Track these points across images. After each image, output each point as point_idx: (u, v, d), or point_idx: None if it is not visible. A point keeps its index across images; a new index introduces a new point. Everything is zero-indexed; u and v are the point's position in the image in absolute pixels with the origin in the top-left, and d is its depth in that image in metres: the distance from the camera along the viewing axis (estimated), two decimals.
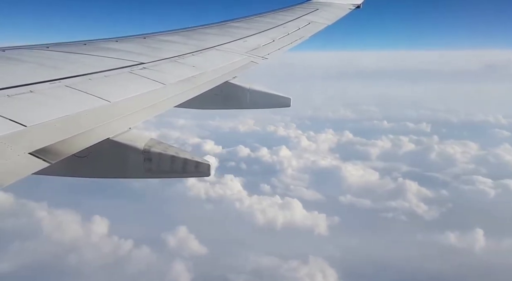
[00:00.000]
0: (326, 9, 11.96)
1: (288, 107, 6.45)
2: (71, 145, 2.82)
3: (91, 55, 5.12)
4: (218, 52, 6.68)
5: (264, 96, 6.33)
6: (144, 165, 3.43)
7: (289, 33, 8.93)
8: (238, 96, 6.09)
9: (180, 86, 4.68)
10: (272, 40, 8.14)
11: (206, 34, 7.90)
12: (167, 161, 3.44)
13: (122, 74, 4.52)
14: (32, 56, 4.60)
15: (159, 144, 3.50)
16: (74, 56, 4.96)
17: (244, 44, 7.48)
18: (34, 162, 2.47)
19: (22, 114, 2.91)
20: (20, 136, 2.65)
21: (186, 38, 7.27)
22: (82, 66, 4.46)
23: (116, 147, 3.29)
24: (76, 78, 3.98)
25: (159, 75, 4.77)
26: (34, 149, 2.55)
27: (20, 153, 2.48)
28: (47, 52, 4.94)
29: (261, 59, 6.90)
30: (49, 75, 3.85)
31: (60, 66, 4.35)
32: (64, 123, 3.01)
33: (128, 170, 3.52)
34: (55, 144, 2.70)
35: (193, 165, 3.48)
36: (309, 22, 10.21)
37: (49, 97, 3.39)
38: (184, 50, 6.25)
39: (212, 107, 6.35)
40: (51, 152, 2.62)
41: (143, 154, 3.39)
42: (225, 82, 5.65)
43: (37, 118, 2.92)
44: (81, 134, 2.97)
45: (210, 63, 5.90)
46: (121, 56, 5.20)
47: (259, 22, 9.68)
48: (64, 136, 2.83)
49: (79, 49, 5.36)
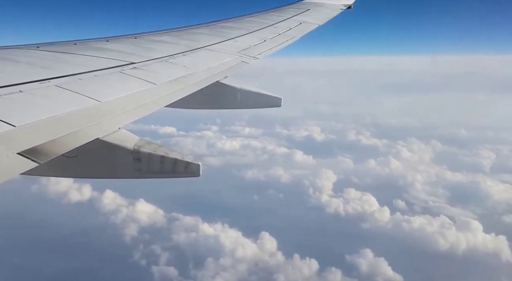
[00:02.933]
0: (317, 10, 12.01)
1: (278, 107, 6.48)
2: (61, 145, 2.82)
3: (82, 55, 5.11)
4: (209, 52, 6.69)
5: (254, 96, 6.36)
6: (133, 165, 3.44)
7: (280, 33, 8.96)
8: (228, 96, 6.11)
9: (171, 86, 4.69)
10: (263, 40, 8.17)
11: (197, 34, 7.90)
12: (156, 161, 3.45)
13: (112, 74, 4.51)
14: (22, 55, 4.58)
15: (148, 144, 3.51)
16: (64, 56, 4.95)
17: (235, 44, 7.50)
18: (23, 163, 2.47)
19: (11, 114, 2.90)
20: (9, 136, 2.64)
21: (177, 38, 7.27)
22: (72, 66, 4.45)
23: (105, 147, 3.30)
24: (66, 78, 3.97)
25: (149, 75, 4.77)
26: (23, 149, 2.54)
27: (9, 153, 2.47)
28: (37, 51, 4.92)
29: (252, 59, 6.92)
30: (39, 75, 3.84)
31: (50, 66, 4.34)
32: (53, 123, 3.01)
33: (117, 170, 3.52)
34: (44, 144, 2.70)
35: (183, 165, 3.50)
36: (300, 22, 10.25)
37: (38, 97, 3.38)
38: (175, 50, 6.25)
39: (203, 107, 6.36)
40: (40, 152, 2.62)
41: (133, 154, 3.40)
42: (216, 82, 5.66)
43: (26, 118, 2.92)
44: (70, 134, 2.97)
45: (201, 63, 5.91)
46: (111, 56, 5.20)
47: (250, 22, 9.70)
48: (53, 136, 2.83)
49: (69, 49, 5.34)
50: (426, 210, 62.98)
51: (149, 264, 49.92)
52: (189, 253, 51.73)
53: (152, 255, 51.55)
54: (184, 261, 50.20)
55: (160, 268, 49.18)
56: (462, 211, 62.88)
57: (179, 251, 52.36)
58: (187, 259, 50.48)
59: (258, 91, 6.41)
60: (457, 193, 68.00)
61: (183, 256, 51.28)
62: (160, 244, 53.43)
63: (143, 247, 53.06)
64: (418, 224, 57.90)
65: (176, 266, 49.06)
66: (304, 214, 62.34)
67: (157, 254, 51.60)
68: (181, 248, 52.93)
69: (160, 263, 50.03)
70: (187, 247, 53.10)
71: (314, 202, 66.69)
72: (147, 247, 53.03)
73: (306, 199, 67.83)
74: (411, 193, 69.32)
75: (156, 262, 50.12)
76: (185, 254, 51.64)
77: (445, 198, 67.84)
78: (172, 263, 49.81)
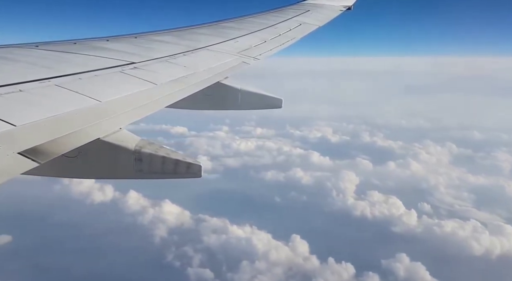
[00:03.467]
0: (317, 11, 12.01)
1: (279, 108, 6.46)
2: (61, 145, 2.79)
3: (82, 54, 5.08)
4: (209, 53, 6.68)
5: (255, 97, 6.34)
6: (134, 166, 3.42)
7: (280, 34, 8.95)
8: (229, 96, 6.09)
9: (172, 86, 4.66)
10: (264, 41, 8.16)
11: (198, 34, 7.88)
12: (158, 162, 3.43)
13: (113, 74, 4.49)
14: (21, 55, 4.55)
15: (150, 145, 3.49)
16: (64, 55, 4.92)
17: (236, 45, 7.49)
18: (23, 162, 2.44)
19: (12, 113, 2.88)
20: (9, 135, 2.62)
21: (177, 38, 7.25)
22: (73, 65, 4.42)
23: (106, 147, 3.28)
24: (66, 77, 3.95)
25: (150, 75, 4.75)
26: (23, 149, 2.52)
27: (9, 153, 2.45)
28: (37, 51, 4.89)
29: (252, 59, 6.91)
30: (39, 74, 3.81)
31: (50, 65, 4.31)
32: (54, 123, 2.99)
33: (118, 170, 3.50)
34: (44, 144, 2.68)
35: (184, 166, 3.48)
36: (301, 23, 10.24)
37: (39, 96, 3.36)
38: (175, 50, 6.23)
39: (204, 107, 6.34)
40: (41, 152, 2.59)
41: (134, 154, 3.38)
42: (217, 82, 5.64)
43: (27, 117, 2.89)
44: (71, 134, 2.95)
45: (201, 63, 5.89)
46: (112, 56, 5.17)
47: (251, 23, 9.69)
48: (54, 136, 2.81)
49: (69, 48, 5.32)
50: (453, 214, 62.32)
51: (183, 265, 49.64)
52: (221, 255, 51.28)
53: (185, 256, 51.17)
54: (217, 263, 49.82)
55: (195, 270, 48.82)
56: (489, 215, 62.22)
57: (211, 253, 51.93)
58: (220, 262, 50.07)
59: (259, 92, 6.39)
60: (482, 196, 67.32)
61: (215, 258, 50.91)
62: (192, 246, 53.09)
63: (175, 248, 52.75)
64: (450, 228, 57.22)
65: (211, 268, 48.86)
66: (331, 217, 61.52)
67: (190, 256, 51.26)
68: (212, 250, 52.49)
69: (194, 265, 49.77)
70: (218, 249, 52.64)
71: (340, 204, 65.81)
72: (179, 248, 52.64)
73: (331, 201, 67.04)
74: (436, 196, 68.64)
75: (190, 264, 49.90)
76: (218, 256, 51.21)
77: (471, 201, 67.24)
78: (206, 265, 49.55)
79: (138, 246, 53.14)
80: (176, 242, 54.13)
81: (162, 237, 55.79)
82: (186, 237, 55.45)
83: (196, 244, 53.80)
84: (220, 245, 53.74)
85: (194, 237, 55.55)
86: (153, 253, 51.94)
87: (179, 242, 54.15)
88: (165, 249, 52.81)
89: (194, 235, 56.12)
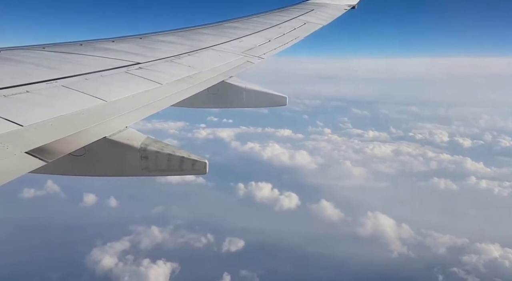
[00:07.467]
0: (321, 10, 12.00)
1: (284, 105, 6.46)
2: (68, 144, 2.83)
3: (88, 55, 5.13)
4: (214, 52, 6.70)
5: (260, 95, 6.35)
6: (140, 163, 3.45)
7: (284, 33, 8.96)
8: (234, 95, 6.11)
9: (177, 85, 4.69)
10: (268, 40, 8.17)
11: (202, 34, 7.91)
12: (164, 159, 3.46)
13: (118, 74, 4.53)
14: (28, 56, 4.60)
15: (155, 143, 3.52)
16: (71, 56, 4.97)
17: (240, 44, 7.51)
18: (30, 161, 2.48)
19: (19, 114, 2.92)
20: (16, 135, 2.66)
21: (182, 38, 7.28)
22: (79, 66, 4.47)
23: (112, 145, 3.31)
24: (73, 78, 3.99)
25: (155, 75, 4.79)
26: (30, 148, 2.56)
27: (17, 152, 2.49)
28: (43, 52, 4.95)
29: (257, 59, 6.92)
30: (45, 75, 3.86)
31: (57, 66, 4.36)
32: (60, 122, 3.02)
33: (124, 168, 3.53)
34: (51, 143, 2.71)
35: (190, 163, 3.50)
36: (305, 22, 10.24)
37: (45, 97, 3.40)
38: (180, 50, 6.26)
39: (209, 106, 6.36)
40: (48, 151, 2.63)
41: (140, 152, 3.41)
42: (222, 81, 5.67)
43: (34, 117, 2.93)
44: (77, 133, 2.98)
45: (206, 63, 5.92)
46: (117, 56, 5.22)
47: (255, 22, 9.71)
48: (60, 135, 2.84)
49: (75, 49, 5.37)
50: None
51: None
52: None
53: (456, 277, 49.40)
54: None
55: None
56: None
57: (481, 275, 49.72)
58: None
59: (264, 90, 6.40)
60: None
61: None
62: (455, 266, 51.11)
63: (441, 269, 50.68)
64: None
65: None
66: None
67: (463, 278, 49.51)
68: (481, 271, 50.31)
69: None
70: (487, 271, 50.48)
71: None
72: (445, 269, 50.70)
73: None
74: None
75: None
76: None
77: None
78: None
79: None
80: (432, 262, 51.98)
81: (400, 253, 54.04)
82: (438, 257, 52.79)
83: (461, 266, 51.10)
84: (487, 265, 51.31)
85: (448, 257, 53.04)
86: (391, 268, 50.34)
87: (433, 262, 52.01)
88: (427, 268, 50.88)
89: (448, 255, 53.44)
